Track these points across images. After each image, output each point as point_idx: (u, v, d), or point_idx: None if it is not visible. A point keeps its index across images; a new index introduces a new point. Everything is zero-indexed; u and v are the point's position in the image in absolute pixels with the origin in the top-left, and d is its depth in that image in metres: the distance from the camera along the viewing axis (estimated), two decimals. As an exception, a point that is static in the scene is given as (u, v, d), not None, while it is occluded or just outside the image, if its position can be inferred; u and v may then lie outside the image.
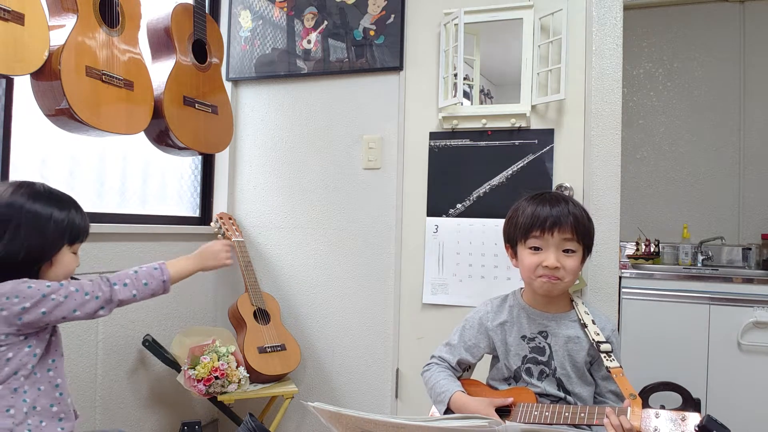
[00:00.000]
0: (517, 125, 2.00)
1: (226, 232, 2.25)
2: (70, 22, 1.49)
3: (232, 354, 1.90)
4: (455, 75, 2.00)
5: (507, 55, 2.06)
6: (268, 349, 2.06)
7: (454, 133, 2.10)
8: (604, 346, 1.18)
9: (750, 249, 2.63)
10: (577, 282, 1.87)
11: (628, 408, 1.04)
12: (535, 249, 1.20)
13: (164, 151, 1.94)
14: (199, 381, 1.81)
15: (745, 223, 2.72)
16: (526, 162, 2.01)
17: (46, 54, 1.43)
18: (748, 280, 2.13)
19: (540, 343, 1.23)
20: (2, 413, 1.09)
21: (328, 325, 2.29)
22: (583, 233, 1.20)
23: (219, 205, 2.46)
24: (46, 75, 1.45)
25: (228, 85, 2.36)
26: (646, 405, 1.24)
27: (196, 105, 1.93)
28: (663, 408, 1.14)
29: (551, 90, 1.96)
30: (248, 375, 1.94)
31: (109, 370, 1.88)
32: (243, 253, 2.21)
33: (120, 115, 1.63)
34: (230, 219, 2.33)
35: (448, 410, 1.20)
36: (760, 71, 2.73)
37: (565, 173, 1.96)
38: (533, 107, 1.99)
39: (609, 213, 1.89)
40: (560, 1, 1.93)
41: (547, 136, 1.98)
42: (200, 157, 2.45)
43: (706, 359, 2.12)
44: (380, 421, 0.91)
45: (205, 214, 2.47)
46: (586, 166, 1.93)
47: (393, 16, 2.17)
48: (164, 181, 2.30)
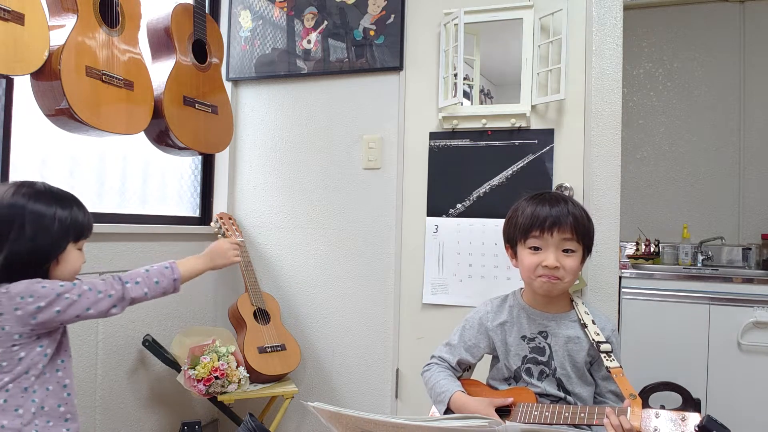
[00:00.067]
0: (517, 125, 2.00)
1: (226, 232, 2.25)
2: (70, 22, 1.49)
3: (232, 354, 1.90)
4: (455, 75, 2.00)
5: (507, 55, 2.06)
6: (268, 349, 2.06)
7: (454, 133, 2.10)
8: (604, 346, 1.18)
9: (750, 249, 2.63)
10: (577, 282, 1.87)
11: (628, 408, 1.04)
12: (535, 249, 1.20)
13: (164, 151, 1.94)
14: (199, 381, 1.81)
15: (745, 223, 2.72)
16: (526, 162, 2.01)
17: (46, 54, 1.43)
18: (748, 280, 2.13)
19: (540, 343, 1.23)
20: (11, 412, 1.10)
21: (328, 325, 2.29)
22: (582, 233, 1.20)
23: (219, 205, 2.47)
24: (46, 75, 1.45)
25: (228, 85, 2.36)
26: (646, 405, 1.24)
27: (196, 105, 1.93)
28: (663, 408, 1.14)
29: (551, 90, 1.96)
30: (248, 375, 1.94)
31: (109, 370, 1.88)
32: (243, 253, 2.21)
33: (120, 115, 1.63)
34: (230, 219, 2.33)
35: (448, 410, 1.20)
36: (760, 71, 2.73)
37: (565, 173, 1.96)
38: (533, 107, 1.99)
39: (609, 213, 1.89)
40: (560, 1, 1.93)
41: (547, 136, 1.98)
42: (200, 157, 2.45)
43: (706, 359, 2.12)
44: (380, 421, 0.91)
45: (205, 214, 2.47)
46: (586, 166, 1.93)
47: (393, 16, 2.17)
48: (164, 181, 2.30)
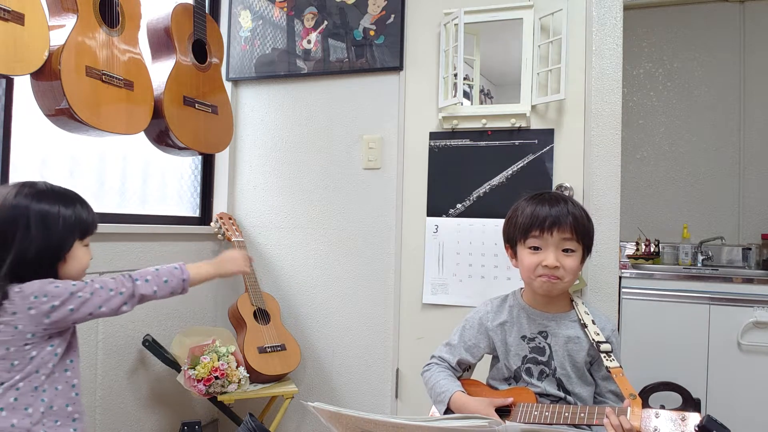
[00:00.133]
0: (517, 125, 2.00)
1: (226, 232, 2.25)
2: (70, 22, 1.49)
3: (232, 354, 1.90)
4: (455, 75, 2.00)
5: (507, 55, 2.06)
6: (268, 349, 2.06)
7: (454, 133, 2.10)
8: (604, 346, 1.18)
9: (750, 249, 2.63)
10: (577, 282, 1.87)
11: (628, 408, 1.04)
12: (535, 249, 1.20)
13: (164, 151, 1.94)
14: (199, 381, 1.81)
15: (745, 223, 2.72)
16: (526, 162, 2.01)
17: (46, 54, 1.43)
18: (748, 280, 2.13)
19: (540, 343, 1.23)
20: (21, 411, 1.10)
21: (328, 325, 2.29)
22: (582, 233, 1.20)
23: (219, 205, 2.47)
24: (46, 75, 1.45)
25: (228, 85, 2.36)
26: (646, 405, 1.24)
27: (196, 105, 1.93)
28: (663, 408, 1.14)
29: (551, 90, 1.96)
30: (248, 375, 1.94)
31: (109, 370, 1.88)
32: (243, 253, 2.21)
33: (120, 115, 1.63)
34: (230, 219, 2.33)
35: (448, 410, 1.20)
36: (760, 71, 2.73)
37: (565, 173, 1.96)
38: (533, 107, 1.99)
39: (609, 213, 1.89)
40: (560, 1, 1.93)
41: (547, 136, 1.98)
42: (200, 157, 2.45)
43: (706, 359, 2.12)
44: (380, 421, 0.91)
45: (205, 214, 2.47)
46: (586, 166, 1.93)
47: (393, 16, 2.17)
48: (164, 181, 2.30)
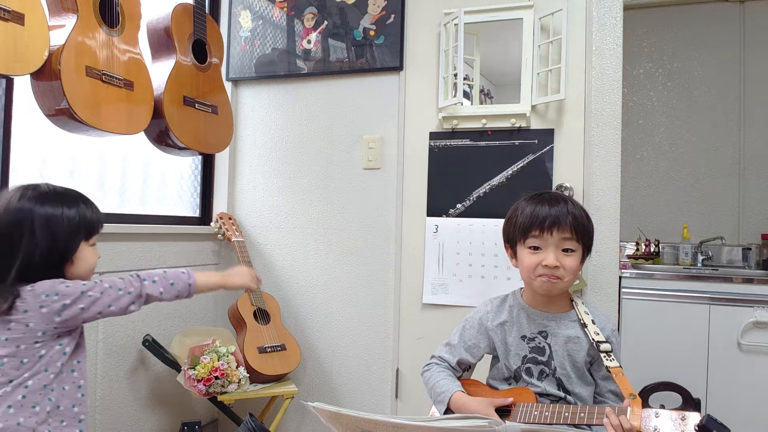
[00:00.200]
0: (517, 125, 2.00)
1: (226, 232, 2.25)
2: (70, 22, 1.49)
3: (232, 354, 1.90)
4: (455, 75, 2.00)
5: (507, 55, 2.06)
6: (268, 349, 2.06)
7: (454, 133, 2.10)
8: (604, 346, 1.18)
9: (750, 249, 2.63)
10: (577, 282, 1.87)
11: (628, 408, 1.04)
12: (535, 248, 1.20)
13: (164, 151, 1.94)
14: (199, 381, 1.81)
15: (745, 223, 2.72)
16: (526, 162, 2.01)
17: (46, 54, 1.43)
18: (748, 280, 2.13)
19: (540, 343, 1.23)
20: (28, 409, 1.11)
21: (328, 325, 2.29)
22: (582, 233, 1.20)
23: (219, 205, 2.47)
24: (46, 75, 1.45)
25: (228, 85, 2.36)
26: (646, 405, 1.24)
27: (196, 105, 1.93)
28: (663, 408, 1.14)
29: (551, 90, 1.96)
30: (248, 375, 1.94)
31: (109, 370, 1.88)
32: (243, 253, 2.21)
33: (120, 115, 1.63)
34: (230, 219, 2.33)
35: (448, 410, 1.20)
36: (760, 71, 2.73)
37: (565, 173, 1.96)
38: (533, 107, 1.99)
39: (609, 213, 1.89)
40: (560, 1, 1.93)
41: (547, 136, 1.98)
42: (200, 157, 2.45)
43: (706, 359, 2.12)
44: (380, 421, 0.91)
45: (205, 214, 2.47)
46: (586, 166, 1.93)
47: (393, 16, 2.17)
48: (164, 181, 2.30)
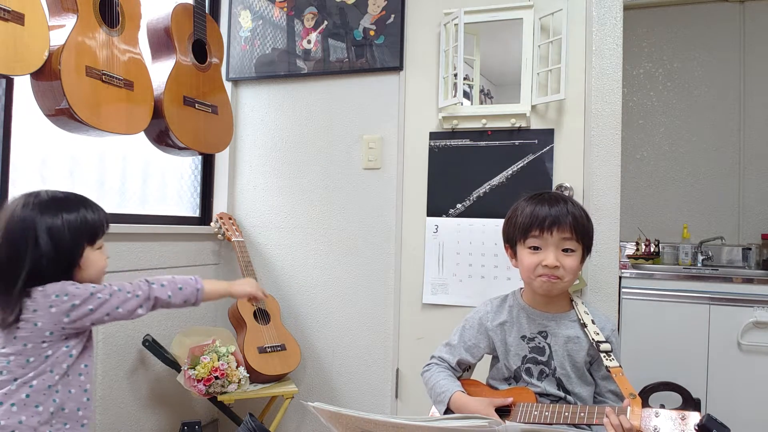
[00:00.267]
0: (517, 125, 2.00)
1: (226, 232, 2.25)
2: (70, 22, 1.49)
3: (232, 354, 1.90)
4: (455, 75, 2.00)
5: (507, 55, 2.06)
6: (268, 349, 2.06)
7: (454, 133, 2.10)
8: (604, 346, 1.18)
9: (750, 249, 2.63)
10: (577, 282, 1.87)
11: (628, 407, 1.04)
12: (535, 249, 1.20)
13: (164, 151, 1.94)
14: (199, 381, 1.81)
15: (745, 223, 2.72)
16: (526, 162, 2.01)
17: (46, 54, 1.43)
18: (748, 280, 2.13)
19: (540, 343, 1.23)
20: (31, 408, 1.11)
21: (328, 325, 2.29)
22: (582, 233, 1.20)
23: (219, 205, 2.47)
24: (46, 75, 1.45)
25: (228, 85, 2.36)
26: (646, 405, 1.24)
27: (196, 105, 1.93)
28: (663, 407, 1.14)
29: (551, 90, 1.96)
30: (248, 375, 1.94)
31: (109, 370, 1.88)
32: (243, 253, 2.21)
33: (120, 115, 1.63)
34: (230, 219, 2.33)
35: (448, 410, 1.20)
36: (760, 71, 2.73)
37: (565, 173, 1.96)
38: (533, 107, 1.99)
39: (609, 213, 1.89)
40: (560, 1, 1.93)
41: (547, 136, 1.98)
42: (200, 157, 2.45)
43: (706, 359, 2.12)
44: (380, 421, 0.91)
45: (205, 214, 2.47)
46: (586, 166, 1.93)
47: (393, 16, 2.17)
48: (164, 181, 2.30)
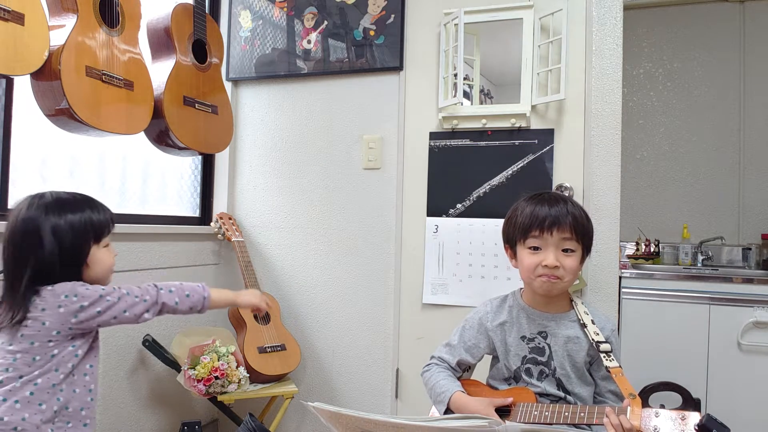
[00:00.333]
0: (517, 125, 2.00)
1: (226, 232, 2.25)
2: (70, 22, 1.49)
3: (232, 354, 1.90)
4: (455, 75, 2.00)
5: (507, 55, 2.06)
6: (268, 349, 2.06)
7: (454, 133, 2.10)
8: (604, 346, 1.18)
9: (750, 249, 2.63)
10: (577, 282, 1.87)
11: (628, 407, 1.04)
12: (535, 249, 1.20)
13: (164, 151, 1.94)
14: (199, 381, 1.81)
15: (745, 223, 2.72)
16: (526, 162, 2.01)
17: (46, 54, 1.43)
18: (748, 280, 2.13)
19: (539, 344, 1.23)
20: (34, 406, 1.11)
21: (328, 325, 2.29)
22: (582, 233, 1.20)
23: (219, 205, 2.47)
24: (46, 75, 1.45)
25: (228, 85, 2.36)
26: (646, 405, 1.24)
27: (196, 105, 1.93)
28: (663, 407, 1.14)
29: (551, 90, 1.96)
30: (248, 375, 1.94)
31: (109, 370, 1.88)
32: (243, 253, 2.21)
33: (120, 115, 1.63)
34: (230, 219, 2.33)
35: (448, 410, 1.20)
36: (760, 71, 2.73)
37: (565, 173, 1.96)
38: (533, 107, 1.99)
39: (609, 213, 1.89)
40: (560, 1, 1.93)
41: (547, 136, 1.98)
42: (200, 157, 2.45)
43: (706, 359, 2.12)
44: (380, 421, 0.91)
45: (205, 214, 2.47)
46: (586, 166, 1.93)
47: (393, 16, 2.17)
48: (164, 181, 2.30)
